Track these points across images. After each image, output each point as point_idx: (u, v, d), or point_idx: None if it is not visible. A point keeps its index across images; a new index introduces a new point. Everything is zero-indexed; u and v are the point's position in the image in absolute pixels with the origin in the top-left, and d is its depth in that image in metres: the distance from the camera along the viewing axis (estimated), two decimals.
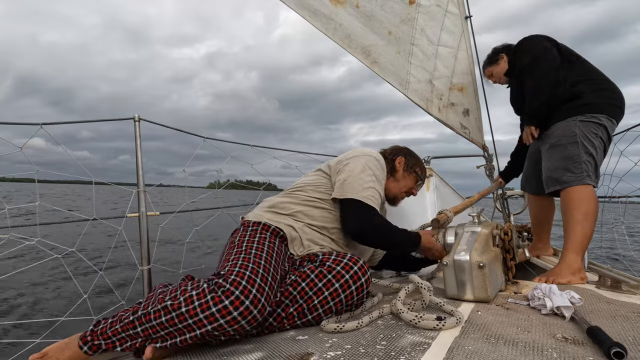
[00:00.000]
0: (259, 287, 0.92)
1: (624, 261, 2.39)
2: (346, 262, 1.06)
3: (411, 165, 1.58)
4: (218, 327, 0.87)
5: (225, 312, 0.86)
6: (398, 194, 1.58)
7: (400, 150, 1.62)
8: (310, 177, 1.44)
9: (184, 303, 0.89)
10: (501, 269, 1.29)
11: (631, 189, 1.94)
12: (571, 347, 0.79)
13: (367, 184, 1.32)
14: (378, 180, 1.38)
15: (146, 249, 1.65)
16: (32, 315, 3.07)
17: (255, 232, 1.20)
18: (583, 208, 1.48)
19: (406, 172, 1.57)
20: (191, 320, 0.87)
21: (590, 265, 1.70)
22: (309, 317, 1.03)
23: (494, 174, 2.37)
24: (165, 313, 0.90)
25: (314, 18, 1.91)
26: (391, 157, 1.57)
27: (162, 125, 1.94)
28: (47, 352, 0.94)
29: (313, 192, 1.37)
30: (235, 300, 0.87)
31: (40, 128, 1.59)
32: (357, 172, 1.33)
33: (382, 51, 2.09)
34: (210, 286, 0.91)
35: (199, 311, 0.87)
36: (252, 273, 0.94)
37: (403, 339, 0.84)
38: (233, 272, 0.93)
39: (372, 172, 1.36)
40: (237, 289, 0.89)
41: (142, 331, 0.92)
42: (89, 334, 0.96)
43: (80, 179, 1.83)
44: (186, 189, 2.19)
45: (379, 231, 1.30)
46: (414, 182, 1.59)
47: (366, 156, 1.39)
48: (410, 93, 2.20)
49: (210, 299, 0.88)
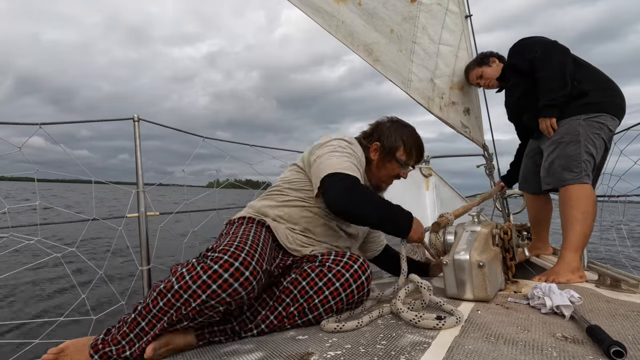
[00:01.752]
0: (247, 252, 0.90)
1: (623, 260, 2.39)
2: (346, 261, 1.06)
3: (389, 150, 1.32)
4: (212, 294, 0.86)
5: (215, 276, 0.85)
6: (379, 182, 1.38)
7: (377, 131, 1.36)
8: (287, 174, 1.34)
9: (176, 281, 0.88)
10: (501, 269, 1.30)
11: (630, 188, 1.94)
12: (571, 346, 0.79)
13: (340, 159, 1.17)
14: (353, 156, 1.22)
15: (146, 248, 1.65)
16: (31, 315, 3.07)
17: (240, 225, 1.18)
18: (582, 207, 1.48)
19: (384, 160, 1.34)
20: (186, 295, 0.87)
21: (590, 264, 1.70)
22: (309, 317, 1.03)
23: (494, 173, 2.38)
24: (162, 297, 0.89)
25: (316, 15, 1.91)
26: (366, 143, 1.35)
27: (161, 125, 1.93)
28: (64, 348, 0.92)
29: (290, 191, 1.27)
30: (224, 263, 0.86)
31: (40, 128, 1.59)
32: (326, 156, 1.19)
33: (384, 49, 2.09)
34: (199, 259, 0.91)
35: (191, 283, 0.86)
36: (240, 243, 0.93)
37: (403, 339, 0.84)
38: (221, 245, 0.92)
39: (344, 150, 1.22)
40: (225, 254, 0.88)
41: (147, 324, 0.91)
42: (101, 342, 0.94)
43: (80, 178, 1.83)
44: (185, 188, 2.18)
45: (361, 197, 1.13)
46: (397, 168, 1.35)
47: (333, 140, 1.26)
48: (412, 91, 2.20)
49: (200, 268, 0.87)
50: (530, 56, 1.67)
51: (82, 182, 23.22)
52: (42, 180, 53.77)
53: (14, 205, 1.62)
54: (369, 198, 1.14)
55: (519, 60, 1.75)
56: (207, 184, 5.72)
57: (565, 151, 1.55)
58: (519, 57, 1.75)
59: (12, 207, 1.60)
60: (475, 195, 2.80)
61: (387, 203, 1.20)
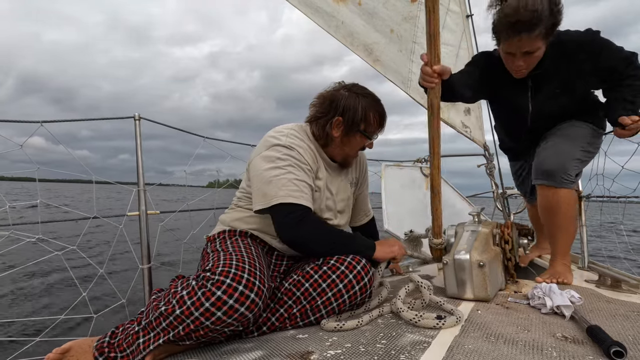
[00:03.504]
0: (249, 271, 0.88)
1: (623, 260, 2.39)
2: (349, 262, 1.05)
3: (352, 124, 1.20)
4: (217, 320, 0.83)
5: (220, 303, 0.83)
6: (346, 157, 1.28)
7: (336, 102, 1.20)
8: (243, 184, 1.26)
9: (177, 305, 0.86)
10: (501, 268, 1.30)
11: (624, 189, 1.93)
12: (571, 346, 0.79)
13: (282, 180, 1.08)
14: (297, 168, 1.12)
15: (146, 247, 1.65)
16: (31, 313, 3.08)
17: (224, 240, 1.14)
18: (571, 212, 1.47)
19: (348, 135, 1.22)
20: (189, 320, 0.84)
21: (590, 265, 1.70)
22: (311, 318, 1.03)
23: (495, 173, 2.37)
24: (164, 319, 0.88)
25: (316, 15, 1.91)
26: (325, 120, 1.20)
27: (162, 124, 1.94)
28: (69, 348, 0.91)
29: (247, 203, 1.20)
30: (227, 288, 0.83)
31: (41, 126, 1.59)
32: (266, 173, 1.10)
33: (384, 49, 2.09)
34: (199, 282, 0.87)
35: (193, 310, 0.84)
36: (239, 261, 0.90)
37: (403, 338, 0.84)
38: (219, 264, 0.89)
39: (284, 162, 1.11)
40: (227, 278, 0.85)
41: (151, 340, 0.90)
42: (107, 345, 0.93)
43: (81, 178, 1.83)
44: (186, 187, 2.19)
45: (313, 233, 1.08)
46: (362, 140, 1.25)
47: (268, 149, 1.13)
48: (412, 91, 2.20)
49: (201, 294, 0.84)
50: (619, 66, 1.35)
51: (83, 182, 23.27)
52: (44, 180, 52.87)
53: (15, 203, 1.63)
54: (321, 232, 1.10)
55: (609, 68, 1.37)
56: (208, 184, 5.72)
57: (566, 148, 1.48)
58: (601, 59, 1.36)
59: (13, 204, 1.60)
60: (476, 195, 2.80)
61: (340, 234, 1.15)
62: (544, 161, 1.49)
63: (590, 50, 1.36)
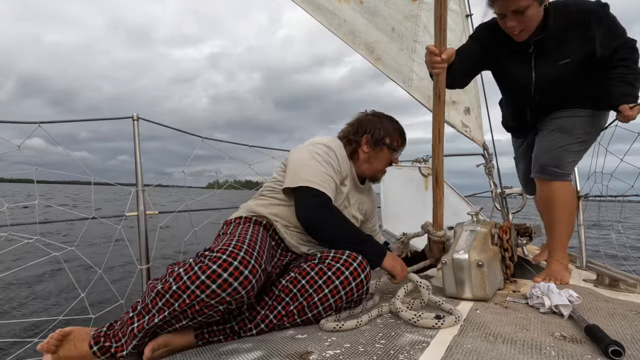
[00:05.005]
0: (246, 250, 0.90)
1: (622, 260, 2.40)
2: (345, 259, 1.06)
3: (379, 139, 1.39)
4: (211, 293, 0.85)
5: (215, 276, 0.85)
6: (375, 172, 1.45)
7: (364, 124, 1.41)
8: (275, 175, 1.38)
9: (174, 282, 0.88)
10: (500, 268, 1.30)
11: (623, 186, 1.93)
12: (569, 346, 0.79)
13: (316, 170, 1.21)
14: (330, 166, 1.25)
15: (145, 247, 1.65)
16: (29, 314, 3.07)
17: (237, 225, 1.20)
18: (568, 207, 1.48)
19: (375, 149, 1.39)
20: (185, 295, 0.86)
21: (589, 264, 1.70)
22: (309, 315, 1.03)
23: (494, 173, 2.37)
24: (160, 297, 0.89)
25: (318, 13, 1.91)
26: (355, 138, 1.39)
27: (160, 125, 1.94)
28: (70, 332, 0.94)
29: (278, 193, 1.29)
30: (223, 262, 0.86)
31: (39, 127, 1.59)
32: (305, 160, 1.23)
33: (385, 48, 2.09)
34: (197, 259, 0.90)
35: (189, 283, 0.86)
36: (238, 242, 0.93)
37: (402, 338, 0.84)
38: (219, 245, 0.92)
39: (323, 158, 1.25)
40: (224, 254, 0.88)
41: (146, 323, 0.91)
42: (103, 335, 0.95)
43: (80, 179, 1.83)
44: (186, 188, 2.19)
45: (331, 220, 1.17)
46: (389, 154, 1.42)
47: (316, 145, 1.29)
48: (413, 90, 2.20)
49: (198, 269, 0.87)
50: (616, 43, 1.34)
51: (82, 184, 23.10)
52: (42, 182, 53.25)
53: (13, 204, 1.62)
54: (338, 221, 1.18)
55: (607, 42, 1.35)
56: (207, 185, 5.72)
57: (560, 142, 1.47)
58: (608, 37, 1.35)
59: (11, 205, 1.60)
60: (474, 195, 2.80)
61: (355, 230, 1.21)
62: (538, 155, 1.52)
63: (595, 19, 1.35)
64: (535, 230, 1.62)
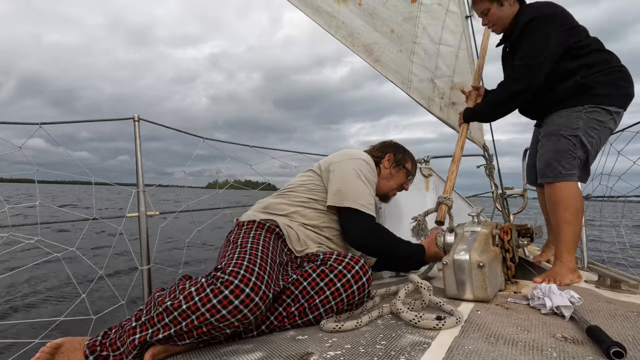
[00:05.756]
0: (257, 275, 0.91)
1: (623, 261, 2.39)
2: (347, 262, 1.06)
3: (400, 161, 1.58)
4: (221, 318, 0.86)
5: (226, 302, 0.86)
6: (389, 191, 1.59)
7: (388, 147, 1.61)
8: (302, 178, 1.45)
9: (184, 300, 0.88)
10: (501, 269, 1.30)
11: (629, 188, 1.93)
12: (571, 347, 0.79)
13: (362, 191, 1.32)
14: (371, 185, 1.38)
15: (146, 248, 1.65)
16: (30, 315, 3.07)
17: (250, 229, 1.21)
18: (573, 206, 1.46)
19: (395, 168, 1.57)
20: (194, 316, 0.87)
21: (590, 265, 1.70)
22: (309, 317, 1.03)
23: (494, 174, 2.37)
24: (168, 314, 0.89)
25: (317, 15, 1.92)
26: (379, 155, 1.57)
27: (161, 125, 1.93)
28: (61, 344, 0.93)
29: (306, 193, 1.37)
30: (235, 289, 0.87)
31: (40, 128, 1.59)
32: (351, 179, 1.33)
33: (384, 49, 2.09)
34: (209, 280, 0.90)
35: (200, 305, 0.86)
36: (250, 263, 0.94)
37: (403, 339, 0.84)
38: (230, 264, 0.93)
39: (365, 177, 1.35)
40: (235, 278, 0.88)
41: (150, 337, 0.90)
42: (99, 344, 0.94)
43: (80, 179, 1.83)
44: (186, 188, 2.18)
45: (382, 242, 1.33)
46: (405, 177, 1.59)
47: (357, 160, 1.39)
48: (412, 92, 2.20)
49: (210, 291, 0.87)
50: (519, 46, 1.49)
51: (82, 184, 23.10)
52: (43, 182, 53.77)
53: (14, 205, 1.62)
54: (383, 241, 1.33)
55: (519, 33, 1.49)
56: (207, 185, 5.73)
57: (559, 145, 1.48)
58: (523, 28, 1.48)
59: (12, 206, 1.60)
60: (475, 196, 2.80)
61: (399, 242, 1.36)
62: (538, 160, 1.58)
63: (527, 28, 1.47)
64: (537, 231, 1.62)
